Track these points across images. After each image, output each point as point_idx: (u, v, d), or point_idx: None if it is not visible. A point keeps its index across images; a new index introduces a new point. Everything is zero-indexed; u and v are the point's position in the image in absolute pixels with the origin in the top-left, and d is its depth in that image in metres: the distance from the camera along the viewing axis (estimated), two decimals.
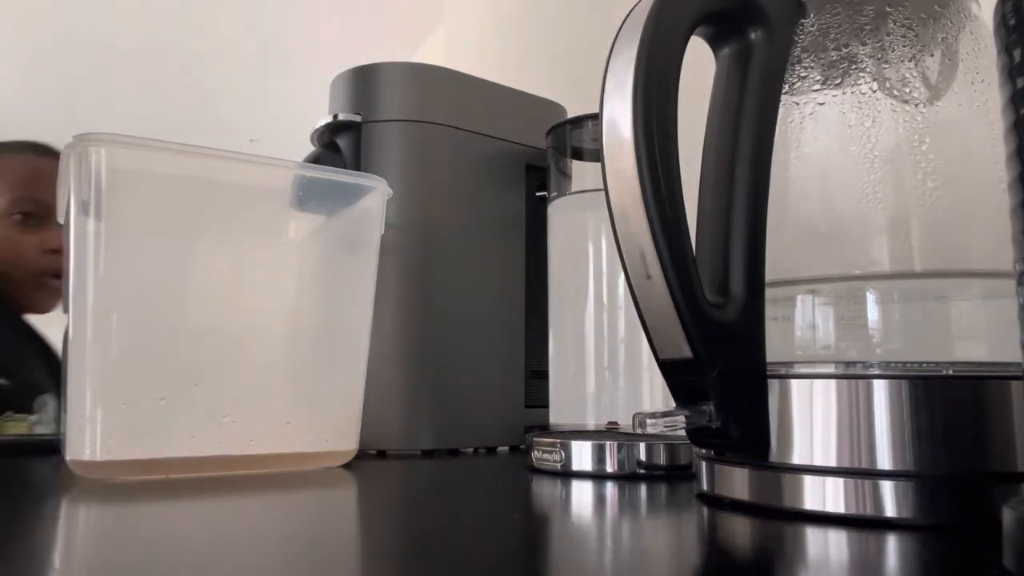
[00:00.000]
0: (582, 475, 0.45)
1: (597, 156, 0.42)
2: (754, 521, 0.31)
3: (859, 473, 0.29)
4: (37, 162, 0.99)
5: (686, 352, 0.31)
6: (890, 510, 0.29)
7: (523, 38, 1.34)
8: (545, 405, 0.65)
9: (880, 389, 0.30)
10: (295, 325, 0.54)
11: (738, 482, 0.33)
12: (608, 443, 0.45)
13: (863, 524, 0.29)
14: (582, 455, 0.46)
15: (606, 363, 0.61)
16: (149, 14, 1.93)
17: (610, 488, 0.41)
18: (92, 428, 0.44)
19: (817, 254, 0.36)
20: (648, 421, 0.31)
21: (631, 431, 0.35)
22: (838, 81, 0.35)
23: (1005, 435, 0.29)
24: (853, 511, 0.29)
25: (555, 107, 0.75)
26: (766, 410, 0.32)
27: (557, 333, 0.65)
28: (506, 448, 0.67)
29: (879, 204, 0.34)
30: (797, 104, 0.36)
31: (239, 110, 2.45)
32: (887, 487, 0.29)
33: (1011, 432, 0.29)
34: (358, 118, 0.65)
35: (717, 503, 0.34)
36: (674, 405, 0.33)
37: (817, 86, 0.35)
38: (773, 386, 0.32)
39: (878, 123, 0.34)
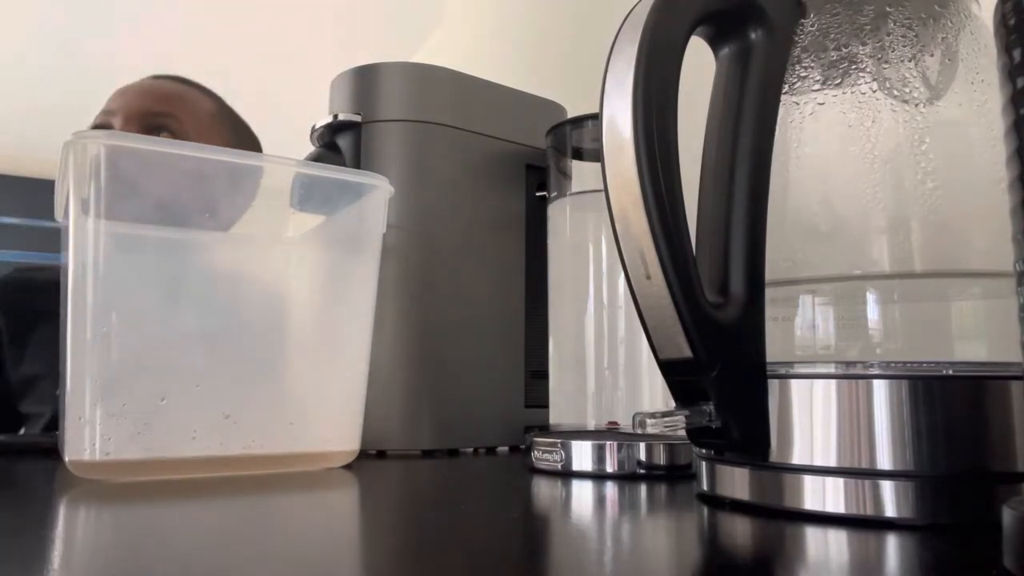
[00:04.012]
0: (582, 475, 0.45)
1: (597, 156, 0.42)
2: (754, 521, 0.31)
3: (859, 473, 0.29)
4: (151, 83, 0.99)
5: (686, 352, 0.31)
6: (890, 510, 0.29)
7: (523, 38, 1.34)
8: (545, 405, 0.65)
9: (880, 389, 0.30)
10: (296, 325, 0.54)
11: (738, 482, 0.33)
12: (608, 443, 0.45)
13: (863, 524, 0.29)
14: (582, 455, 0.46)
15: (606, 363, 0.61)
16: (149, 14, 1.93)
17: (610, 488, 0.41)
18: (92, 428, 0.44)
19: (817, 254, 0.36)
20: (648, 421, 0.31)
21: (631, 431, 0.35)
22: (838, 81, 0.35)
23: (1005, 435, 0.29)
24: (853, 511, 0.29)
25: (555, 107, 0.75)
26: (766, 410, 0.32)
27: (557, 333, 0.65)
28: (506, 448, 0.67)
29: (879, 204, 0.34)
30: (797, 104, 0.36)
31: (239, 110, 2.45)
32: (887, 487, 0.29)
33: (1011, 432, 0.29)
34: (358, 118, 0.65)
35: (717, 503, 0.34)
36: (674, 405, 0.33)
37: (817, 86, 0.35)
38: (773, 386, 0.32)
39: (878, 123, 0.34)
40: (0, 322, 1.09)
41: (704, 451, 0.35)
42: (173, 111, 0.95)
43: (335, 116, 0.65)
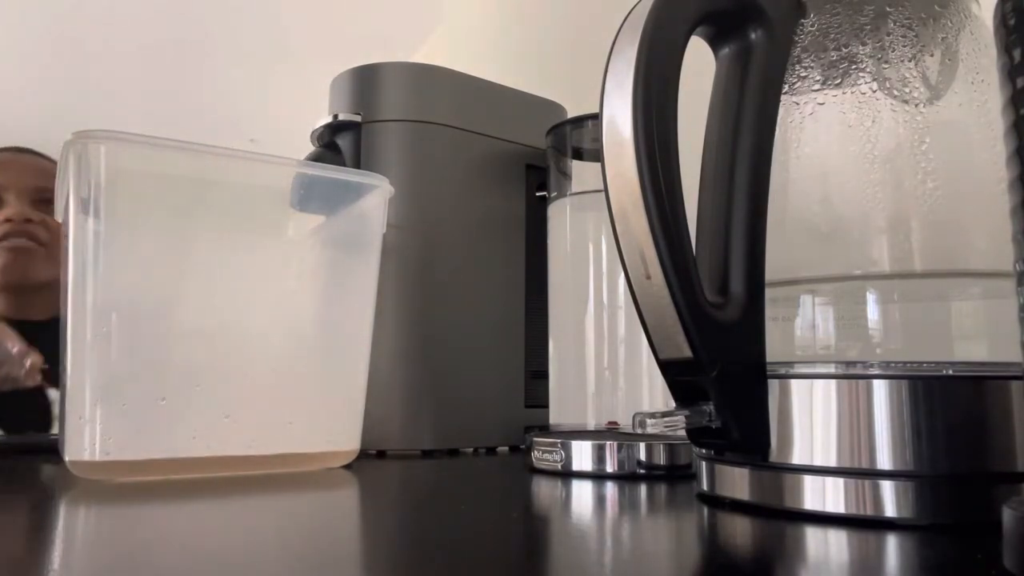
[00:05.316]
0: (582, 475, 0.45)
1: (597, 156, 0.42)
2: (754, 521, 0.31)
3: (859, 473, 0.29)
4: (34, 160, 1.16)
5: (686, 352, 0.31)
6: (890, 510, 0.29)
7: (523, 38, 1.34)
8: (545, 405, 0.65)
9: (880, 389, 0.30)
10: (296, 325, 0.54)
11: (738, 482, 0.33)
12: (608, 443, 0.45)
13: (863, 524, 0.29)
14: (582, 455, 0.46)
15: (606, 363, 0.61)
16: (149, 13, 1.93)
17: (610, 488, 0.41)
18: (92, 428, 0.44)
19: (817, 254, 0.36)
20: (648, 421, 0.31)
21: (631, 431, 0.35)
22: (838, 81, 0.35)
23: (1005, 435, 0.29)
24: (853, 511, 0.29)
25: (555, 107, 0.75)
26: (766, 410, 0.32)
27: (557, 333, 0.65)
28: (506, 448, 0.67)
29: (879, 204, 0.34)
30: (797, 104, 0.36)
31: (240, 110, 2.45)
32: (887, 487, 0.29)
33: (1011, 432, 0.29)
34: (358, 118, 0.65)
35: (717, 503, 0.34)
36: (674, 405, 0.33)
37: (817, 86, 0.35)
38: (773, 386, 0.32)
39: (878, 123, 0.34)
40: None
41: (704, 451, 0.35)
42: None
43: (335, 116, 0.65)
